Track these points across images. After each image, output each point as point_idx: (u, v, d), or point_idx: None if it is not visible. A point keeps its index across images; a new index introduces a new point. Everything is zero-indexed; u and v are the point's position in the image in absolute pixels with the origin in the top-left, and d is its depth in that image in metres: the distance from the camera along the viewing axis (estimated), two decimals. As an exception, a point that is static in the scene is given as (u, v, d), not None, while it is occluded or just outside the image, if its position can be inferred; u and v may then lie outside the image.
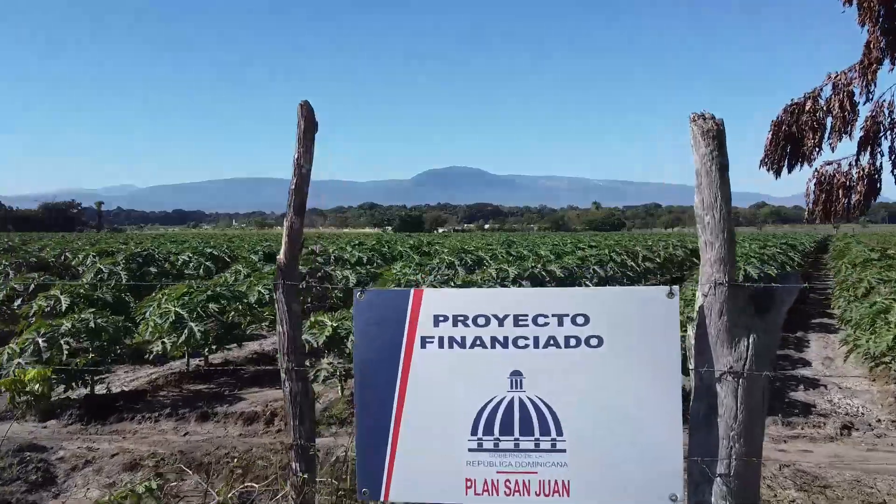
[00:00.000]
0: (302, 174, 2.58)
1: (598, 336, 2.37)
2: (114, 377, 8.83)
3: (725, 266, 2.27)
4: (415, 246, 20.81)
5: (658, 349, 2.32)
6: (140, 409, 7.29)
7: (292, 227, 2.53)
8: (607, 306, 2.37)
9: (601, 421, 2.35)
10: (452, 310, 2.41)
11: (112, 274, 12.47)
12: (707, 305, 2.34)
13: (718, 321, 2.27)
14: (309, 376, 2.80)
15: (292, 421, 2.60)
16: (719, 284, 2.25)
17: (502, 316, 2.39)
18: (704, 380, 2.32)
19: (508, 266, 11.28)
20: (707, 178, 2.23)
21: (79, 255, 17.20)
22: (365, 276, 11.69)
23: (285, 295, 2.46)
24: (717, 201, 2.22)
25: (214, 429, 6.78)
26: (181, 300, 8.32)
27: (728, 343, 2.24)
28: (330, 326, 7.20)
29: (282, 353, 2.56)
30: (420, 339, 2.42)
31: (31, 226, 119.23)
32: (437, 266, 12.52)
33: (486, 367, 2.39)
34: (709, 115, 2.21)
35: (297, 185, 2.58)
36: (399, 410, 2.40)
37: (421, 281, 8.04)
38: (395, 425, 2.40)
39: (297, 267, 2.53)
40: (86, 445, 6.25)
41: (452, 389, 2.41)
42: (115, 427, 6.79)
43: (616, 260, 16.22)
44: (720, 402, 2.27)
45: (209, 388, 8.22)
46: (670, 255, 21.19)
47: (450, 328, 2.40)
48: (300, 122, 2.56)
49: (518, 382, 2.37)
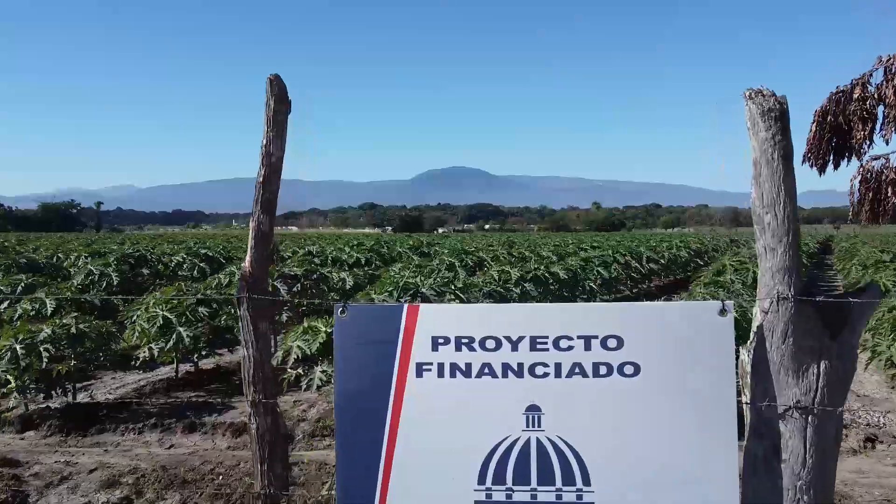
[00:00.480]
0: (272, 164, 2.13)
1: (634, 363, 1.95)
2: (100, 384, 8.57)
3: (790, 276, 1.83)
4: (414, 247, 20.45)
5: (707, 379, 1.90)
6: (125, 418, 6.99)
7: (259, 228, 2.09)
8: (645, 326, 1.93)
9: (638, 469, 1.92)
10: (455, 330, 1.98)
11: (103, 276, 12.22)
12: (768, 325, 1.90)
13: (782, 344, 1.84)
14: (279, 409, 2.40)
15: (259, 465, 2.18)
16: (783, 299, 1.81)
17: (516, 338, 1.95)
18: (764, 416, 1.89)
19: (511, 268, 10.92)
20: (768, 169, 1.81)
21: (70, 256, 16.88)
22: (363, 277, 11.34)
23: (251, 311, 2.04)
24: (781, 196, 1.80)
25: (202, 441, 6.47)
26: (170, 304, 8.10)
27: (794, 371, 1.83)
28: (324, 332, 6.84)
29: (246, 383, 2.14)
30: (415, 366, 1.98)
31: (31, 226, 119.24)
32: (437, 267, 12.17)
33: (497, 400, 1.97)
34: (768, 92, 1.81)
35: (266, 178, 2.14)
36: (389, 454, 1.96)
37: (420, 284, 7.66)
38: (385, 472, 1.96)
39: (267, 277, 2.12)
40: (64, 459, 5.92)
41: (455, 428, 1.99)
42: (97, 439, 6.49)
43: (620, 261, 15.87)
44: (784, 444, 1.85)
45: (199, 396, 7.91)
46: (674, 255, 20.89)
47: (452, 353, 1.98)
48: (269, 100, 2.10)
49: (536, 420, 1.94)
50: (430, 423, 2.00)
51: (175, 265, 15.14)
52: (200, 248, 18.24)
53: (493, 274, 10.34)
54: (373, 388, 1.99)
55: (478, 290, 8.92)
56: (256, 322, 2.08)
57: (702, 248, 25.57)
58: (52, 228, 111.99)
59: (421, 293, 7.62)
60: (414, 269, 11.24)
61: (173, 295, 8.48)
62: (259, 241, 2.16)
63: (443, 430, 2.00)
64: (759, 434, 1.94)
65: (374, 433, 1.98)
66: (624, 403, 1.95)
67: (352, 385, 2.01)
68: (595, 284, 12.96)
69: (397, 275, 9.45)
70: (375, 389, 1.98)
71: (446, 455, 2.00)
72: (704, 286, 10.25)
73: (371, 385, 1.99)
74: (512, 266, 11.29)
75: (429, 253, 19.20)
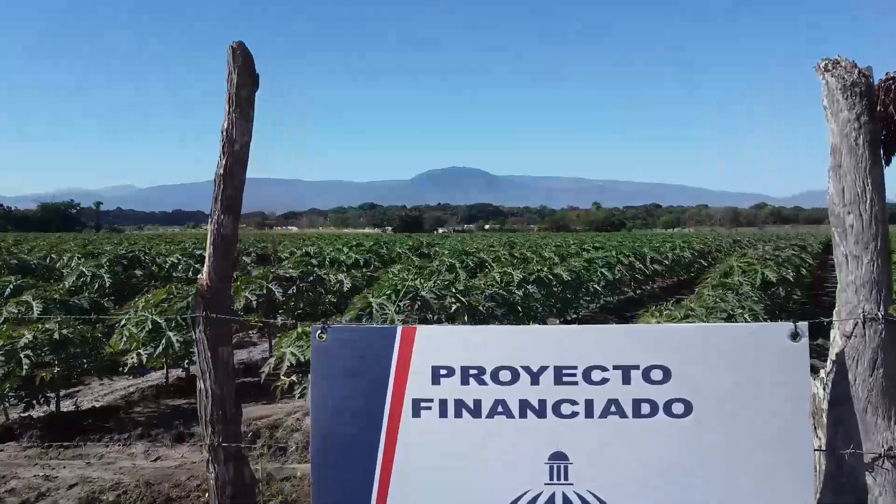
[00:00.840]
0: (234, 152, 1.68)
1: (685, 400, 1.54)
2: (87, 390, 8.34)
3: (879, 291, 1.45)
4: (414, 247, 20.13)
5: (776, 420, 1.49)
6: (110, 428, 6.73)
7: (220, 231, 1.68)
8: (696, 352, 1.50)
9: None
10: (461, 358, 1.54)
11: (95, 277, 11.98)
12: (851, 352, 1.52)
13: (870, 377, 1.45)
14: (247, 455, 2.02)
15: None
16: (871, 320, 1.42)
17: (537, 368, 1.51)
18: (845, 466, 1.50)
19: (513, 269, 10.61)
20: (851, 157, 1.44)
21: (64, 257, 16.58)
22: (361, 279, 11.05)
23: (209, 333, 1.66)
24: (867, 192, 1.40)
25: (190, 453, 6.20)
26: (160, 307, 7.87)
27: (885, 411, 1.45)
28: (318, 338, 6.53)
29: (203, 422, 1.76)
30: (411, 403, 1.56)
31: (31, 226, 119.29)
32: (437, 269, 11.87)
33: (514, 446, 1.54)
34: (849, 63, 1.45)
35: (228, 169, 1.69)
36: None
37: (420, 286, 7.35)
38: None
39: (229, 290, 1.74)
40: (43, 473, 5.64)
41: (461, 482, 1.55)
42: (80, 450, 6.22)
43: (624, 262, 15.60)
44: (872, 499, 1.47)
45: (189, 404, 7.66)
46: (678, 256, 20.65)
47: (457, 386, 1.54)
48: (231, 74, 1.63)
49: (562, 471, 1.49)
50: (430, 475, 1.57)
51: (170, 266, 14.92)
52: (196, 248, 17.98)
53: (495, 276, 10.06)
54: (358, 430, 1.56)
55: (479, 292, 8.63)
56: (216, 346, 1.69)
57: (705, 248, 25.31)
58: (51, 229, 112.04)
59: (420, 296, 7.30)
60: (414, 270, 10.95)
61: (163, 298, 8.23)
62: (219, 247, 1.73)
63: (446, 484, 1.56)
64: (839, 488, 1.54)
65: (360, 487, 1.54)
66: (672, 451, 1.53)
67: (332, 427, 1.58)
68: (599, 286, 12.71)
69: (396, 277, 9.15)
70: (362, 433, 1.55)
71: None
72: (713, 288, 9.94)
73: (356, 427, 1.57)
74: (514, 268, 11.00)
75: (429, 254, 18.90)
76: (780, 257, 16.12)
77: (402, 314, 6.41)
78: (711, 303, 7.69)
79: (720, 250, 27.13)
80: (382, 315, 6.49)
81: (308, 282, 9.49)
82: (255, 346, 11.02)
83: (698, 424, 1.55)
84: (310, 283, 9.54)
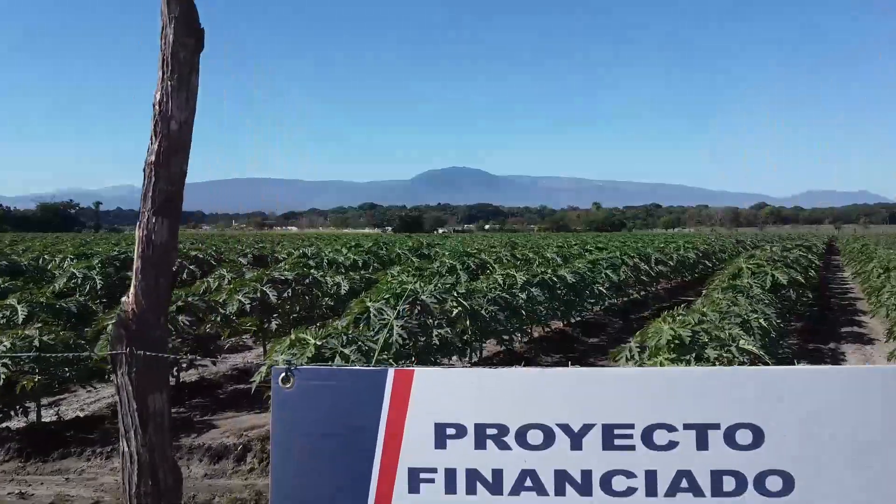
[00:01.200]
0: (170, 133, 1.25)
1: (784, 472, 1.11)
2: (73, 398, 8.00)
3: None
4: (414, 248, 19.80)
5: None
6: (93, 440, 6.40)
7: (150, 238, 1.21)
8: (800, 406, 1.05)
9: None
10: (474, 411, 1.12)
11: (86, 279, 11.59)
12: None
13: None
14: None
15: None
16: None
17: (579, 427, 1.08)
18: None
19: (515, 271, 10.29)
20: None
21: (57, 258, 16.25)
22: (359, 282, 10.72)
23: (134, 376, 1.15)
24: None
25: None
26: None
27: None
28: (313, 345, 6.21)
29: (126, 497, 1.31)
30: (408, 474, 1.14)
31: (30, 226, 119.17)
32: (438, 270, 11.55)
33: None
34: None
35: (162, 155, 1.26)
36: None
37: (420, 289, 7.03)
38: None
39: (164, 317, 1.29)
40: (18, 490, 5.33)
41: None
42: (59, 465, 5.91)
43: (628, 263, 15.29)
44: None
45: (178, 413, 7.33)
46: (682, 257, 20.37)
47: (470, 451, 1.12)
48: (166, 30, 1.23)
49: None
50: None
51: (164, 268, 14.57)
52: (191, 250, 17.65)
53: (498, 278, 9.74)
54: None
55: (482, 295, 8.32)
56: (145, 395, 1.13)
57: (709, 248, 25.04)
58: (51, 228, 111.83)
59: (420, 300, 6.98)
60: (413, 272, 10.64)
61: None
62: (149, 259, 1.22)
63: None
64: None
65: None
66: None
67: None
68: (603, 288, 12.42)
69: (395, 279, 8.83)
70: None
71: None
72: (722, 291, 9.62)
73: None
74: (517, 269, 10.67)
75: (429, 254, 18.57)
76: (789, 258, 15.83)
77: (401, 319, 6.09)
78: (724, 307, 7.37)
79: (724, 251, 26.88)
80: (381, 320, 6.18)
81: (304, 284, 9.16)
82: (249, 350, 10.71)
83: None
84: (306, 285, 9.21)
